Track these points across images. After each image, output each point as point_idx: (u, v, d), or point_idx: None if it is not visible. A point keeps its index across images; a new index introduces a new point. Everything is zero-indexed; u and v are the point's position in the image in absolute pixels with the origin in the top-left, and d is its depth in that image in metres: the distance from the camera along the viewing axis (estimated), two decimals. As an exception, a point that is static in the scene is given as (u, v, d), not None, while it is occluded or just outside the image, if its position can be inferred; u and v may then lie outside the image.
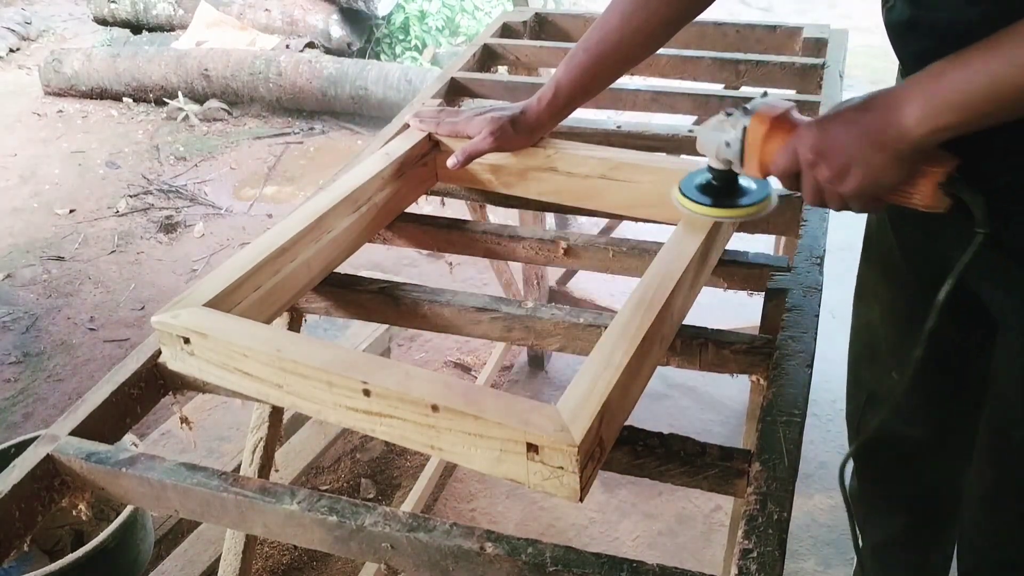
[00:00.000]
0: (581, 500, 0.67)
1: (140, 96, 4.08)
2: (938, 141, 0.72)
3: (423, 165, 1.14)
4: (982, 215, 0.74)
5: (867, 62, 4.02)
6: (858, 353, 1.26)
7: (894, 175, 0.75)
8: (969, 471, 1.24)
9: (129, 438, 1.51)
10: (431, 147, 1.14)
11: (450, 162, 1.09)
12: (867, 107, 0.76)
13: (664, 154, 1.17)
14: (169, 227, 3.10)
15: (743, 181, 0.89)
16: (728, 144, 0.83)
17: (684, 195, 0.89)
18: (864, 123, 0.74)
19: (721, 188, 0.88)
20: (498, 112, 1.08)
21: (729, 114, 0.83)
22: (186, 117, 3.92)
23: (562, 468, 0.65)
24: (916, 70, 0.73)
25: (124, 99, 4.10)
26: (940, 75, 0.71)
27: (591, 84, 1.05)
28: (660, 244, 0.89)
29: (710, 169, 0.88)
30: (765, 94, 0.85)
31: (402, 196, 1.11)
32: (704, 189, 0.89)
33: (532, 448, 0.66)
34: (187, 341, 0.81)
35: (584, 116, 1.26)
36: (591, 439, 0.66)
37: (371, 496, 1.92)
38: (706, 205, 0.87)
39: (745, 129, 0.82)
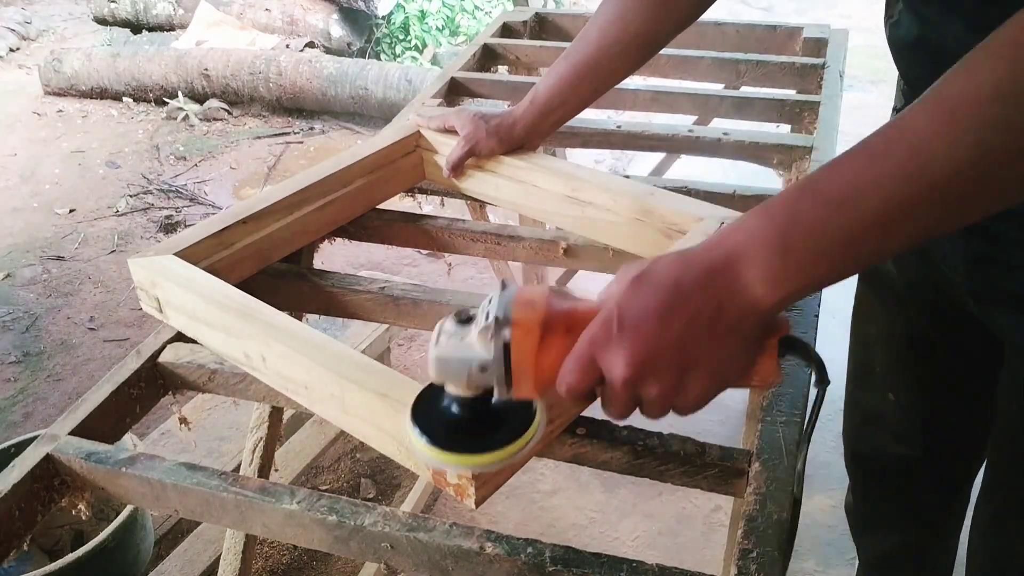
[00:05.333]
0: (476, 507, 0.68)
1: (140, 96, 4.08)
2: (795, 302, 0.57)
3: (405, 156, 1.17)
4: (820, 371, 0.58)
5: (867, 62, 4.02)
6: (854, 372, 1.25)
7: (742, 361, 0.56)
8: (964, 490, 1.24)
9: (129, 438, 1.51)
10: (416, 145, 1.18)
11: (444, 173, 1.12)
12: (686, 279, 0.54)
13: (623, 178, 1.11)
14: (169, 227, 3.10)
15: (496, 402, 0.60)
16: (484, 368, 0.57)
17: (432, 442, 0.60)
18: (692, 305, 0.53)
19: (476, 420, 0.61)
20: (480, 114, 1.09)
21: (462, 321, 0.58)
22: (186, 117, 3.91)
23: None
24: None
25: (124, 99, 4.10)
26: (793, 209, 0.52)
27: (569, 95, 1.04)
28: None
29: (458, 400, 0.60)
30: (504, 286, 0.58)
31: (386, 184, 1.16)
32: (455, 427, 0.61)
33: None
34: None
35: (584, 116, 1.26)
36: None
37: (371, 496, 1.92)
38: (464, 451, 0.61)
39: (507, 345, 0.56)
